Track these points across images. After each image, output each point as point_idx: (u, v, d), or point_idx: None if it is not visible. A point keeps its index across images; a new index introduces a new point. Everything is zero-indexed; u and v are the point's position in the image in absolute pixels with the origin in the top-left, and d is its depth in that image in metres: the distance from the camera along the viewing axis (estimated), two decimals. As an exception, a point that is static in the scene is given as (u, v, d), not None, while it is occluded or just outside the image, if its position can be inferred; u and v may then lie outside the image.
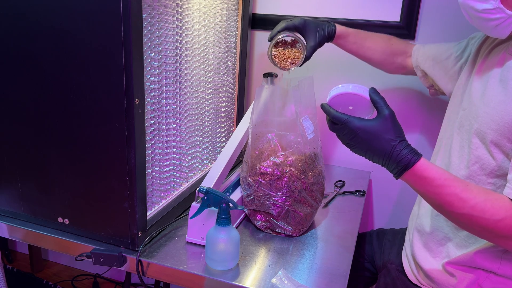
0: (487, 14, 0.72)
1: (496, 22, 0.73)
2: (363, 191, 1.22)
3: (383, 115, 0.73)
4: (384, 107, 0.74)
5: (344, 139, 0.77)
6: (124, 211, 0.81)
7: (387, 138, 0.72)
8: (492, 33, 0.76)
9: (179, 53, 0.93)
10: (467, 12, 0.76)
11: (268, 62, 1.00)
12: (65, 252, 0.89)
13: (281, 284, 0.77)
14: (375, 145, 0.73)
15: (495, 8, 0.71)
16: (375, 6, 1.26)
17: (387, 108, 0.74)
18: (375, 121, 0.73)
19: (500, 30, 0.74)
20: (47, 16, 0.75)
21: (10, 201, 0.92)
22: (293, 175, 0.90)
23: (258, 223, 0.95)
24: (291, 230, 0.93)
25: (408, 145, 0.73)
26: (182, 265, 0.81)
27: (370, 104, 0.77)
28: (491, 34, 0.77)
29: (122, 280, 1.89)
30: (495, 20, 0.72)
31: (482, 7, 0.72)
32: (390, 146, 0.72)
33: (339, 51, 1.35)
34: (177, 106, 0.95)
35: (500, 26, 0.73)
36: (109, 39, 0.71)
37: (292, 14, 1.35)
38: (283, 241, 0.93)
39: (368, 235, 1.20)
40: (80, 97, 0.77)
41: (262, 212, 0.94)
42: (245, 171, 0.95)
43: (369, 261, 1.14)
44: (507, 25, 0.73)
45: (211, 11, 1.07)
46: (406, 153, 0.72)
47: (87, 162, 0.81)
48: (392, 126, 0.73)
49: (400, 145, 0.72)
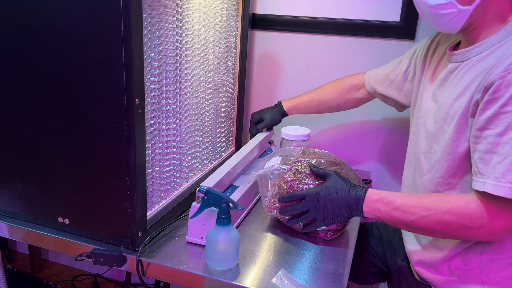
0: (439, 9, 0.75)
1: (449, 17, 0.76)
2: (369, 180, 1.27)
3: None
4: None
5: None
6: (124, 211, 0.81)
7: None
8: (445, 28, 0.79)
9: (179, 53, 0.93)
10: (420, 8, 0.79)
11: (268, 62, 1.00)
12: (65, 252, 0.89)
13: (281, 284, 0.78)
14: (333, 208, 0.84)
15: (448, 3, 0.74)
16: (375, 6, 1.26)
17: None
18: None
19: (452, 25, 0.77)
20: (47, 16, 0.75)
21: (10, 201, 0.92)
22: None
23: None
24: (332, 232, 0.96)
25: (353, 185, 0.84)
26: (182, 265, 0.81)
27: None
28: (443, 29, 0.80)
29: (122, 280, 1.89)
30: (447, 15, 0.75)
31: (435, 2, 0.75)
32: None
33: (338, 52, 1.35)
34: (177, 106, 0.95)
35: (452, 21, 0.76)
36: (109, 39, 0.71)
37: (292, 14, 1.35)
38: (283, 241, 0.93)
39: (374, 226, 1.18)
40: (80, 97, 0.77)
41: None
42: None
43: (376, 256, 1.14)
44: (459, 19, 0.76)
45: (211, 11, 1.07)
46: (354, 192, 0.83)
47: (87, 162, 0.81)
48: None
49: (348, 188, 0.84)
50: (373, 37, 1.29)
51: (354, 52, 1.32)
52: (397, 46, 1.27)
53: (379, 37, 1.28)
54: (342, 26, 1.31)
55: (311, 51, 1.37)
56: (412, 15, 1.22)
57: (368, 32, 1.28)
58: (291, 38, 1.38)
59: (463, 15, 0.75)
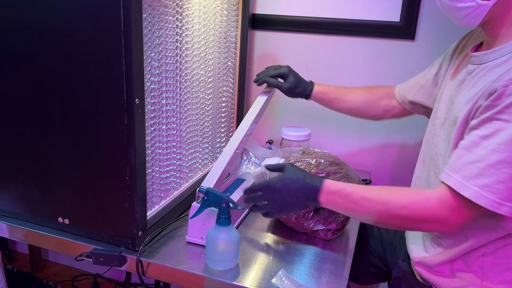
0: (458, 2, 0.75)
1: (467, 11, 0.75)
2: (369, 180, 1.25)
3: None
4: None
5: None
6: (124, 211, 0.81)
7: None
8: (463, 22, 0.78)
9: (179, 53, 0.93)
10: (440, 0, 0.79)
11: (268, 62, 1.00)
12: (65, 252, 0.89)
13: (281, 284, 0.78)
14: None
15: None
16: (375, 6, 1.26)
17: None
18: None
19: (471, 19, 0.76)
20: (47, 16, 0.75)
21: (10, 201, 0.92)
22: None
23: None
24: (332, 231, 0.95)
25: (310, 175, 0.84)
26: (182, 265, 0.81)
27: None
28: (462, 23, 0.79)
29: (122, 280, 1.89)
30: (466, 9, 0.75)
31: None
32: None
33: (338, 52, 1.35)
34: (177, 106, 0.95)
35: (470, 15, 0.75)
36: (109, 39, 0.71)
37: (292, 14, 1.35)
38: (283, 241, 0.93)
39: (375, 227, 1.17)
40: (80, 97, 0.77)
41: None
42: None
43: (377, 256, 1.14)
44: (477, 14, 0.75)
45: (211, 11, 1.07)
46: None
47: (87, 162, 0.81)
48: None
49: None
50: (373, 37, 1.29)
51: (354, 52, 1.32)
52: (397, 46, 1.27)
53: (379, 37, 1.28)
54: (342, 26, 1.31)
55: (311, 51, 1.37)
56: (412, 15, 1.22)
57: (368, 32, 1.29)
58: (291, 38, 1.38)
59: (482, 10, 0.74)
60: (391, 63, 1.30)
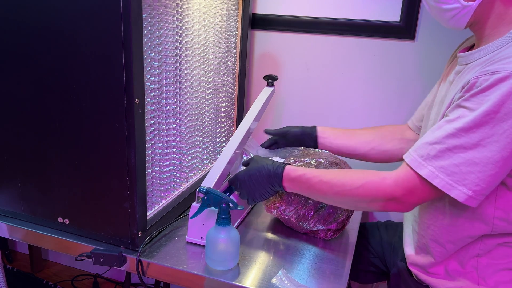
0: (444, 4, 0.76)
1: (453, 13, 0.77)
2: None
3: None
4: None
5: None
6: (124, 211, 0.81)
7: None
8: (450, 24, 0.80)
9: (179, 53, 0.93)
10: (427, 2, 0.81)
11: (268, 62, 1.00)
12: (65, 252, 0.89)
13: (281, 284, 0.78)
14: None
15: None
16: (375, 6, 1.26)
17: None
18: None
19: (457, 21, 0.78)
20: (47, 16, 0.75)
21: (10, 201, 0.92)
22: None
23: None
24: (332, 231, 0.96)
25: (273, 163, 0.88)
26: (182, 265, 0.81)
27: None
28: (449, 25, 0.81)
29: (122, 280, 1.89)
30: (451, 10, 0.76)
31: None
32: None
33: (338, 52, 1.35)
34: (177, 106, 0.95)
35: (456, 17, 0.77)
36: (109, 39, 0.71)
37: (292, 14, 1.35)
38: (283, 241, 0.93)
39: (375, 226, 1.18)
40: (80, 97, 0.77)
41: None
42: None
43: (377, 256, 1.14)
44: (463, 15, 0.76)
45: (211, 11, 1.07)
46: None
47: (87, 162, 0.81)
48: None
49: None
50: (373, 37, 1.29)
51: (354, 52, 1.32)
52: (397, 46, 1.27)
53: (379, 37, 1.28)
54: (342, 26, 1.31)
55: (311, 51, 1.37)
56: (412, 15, 1.22)
57: (368, 32, 1.28)
58: (291, 38, 1.38)
59: (467, 11, 0.75)
60: (391, 63, 1.29)
